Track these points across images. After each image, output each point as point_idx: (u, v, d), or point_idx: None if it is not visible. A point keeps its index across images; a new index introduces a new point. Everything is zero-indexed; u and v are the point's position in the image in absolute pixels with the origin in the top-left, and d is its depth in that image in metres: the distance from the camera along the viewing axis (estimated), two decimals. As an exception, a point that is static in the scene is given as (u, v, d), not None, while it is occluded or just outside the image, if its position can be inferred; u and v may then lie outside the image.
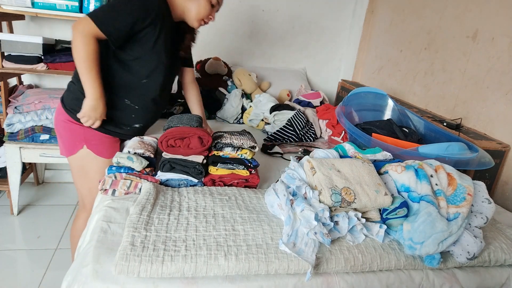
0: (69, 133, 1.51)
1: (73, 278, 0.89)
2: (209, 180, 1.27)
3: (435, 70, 2.11)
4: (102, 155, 1.53)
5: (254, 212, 1.10)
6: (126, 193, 1.18)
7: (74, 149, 1.51)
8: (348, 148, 1.31)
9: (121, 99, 1.49)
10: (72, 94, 1.50)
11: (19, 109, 2.17)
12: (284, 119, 2.00)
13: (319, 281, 0.95)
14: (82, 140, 1.50)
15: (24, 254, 2.06)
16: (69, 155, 1.54)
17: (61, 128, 1.52)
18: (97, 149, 1.51)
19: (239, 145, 1.29)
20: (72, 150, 1.52)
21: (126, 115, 1.52)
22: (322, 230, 0.98)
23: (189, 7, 1.49)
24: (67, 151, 1.54)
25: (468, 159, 1.38)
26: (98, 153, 1.52)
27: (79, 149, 1.50)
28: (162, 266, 0.86)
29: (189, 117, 1.41)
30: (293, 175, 1.17)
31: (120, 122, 1.53)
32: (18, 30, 2.41)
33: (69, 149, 1.53)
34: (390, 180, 1.15)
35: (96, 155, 1.52)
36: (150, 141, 1.48)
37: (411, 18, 2.34)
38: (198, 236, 0.97)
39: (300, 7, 2.82)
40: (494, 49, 1.73)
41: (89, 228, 1.08)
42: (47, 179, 2.84)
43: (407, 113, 1.84)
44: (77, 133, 1.49)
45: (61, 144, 1.57)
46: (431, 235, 0.98)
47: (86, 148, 1.50)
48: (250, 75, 2.47)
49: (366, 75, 2.83)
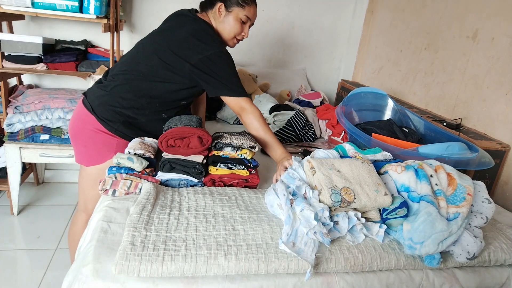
0: (101, 143, 1.47)
1: (73, 277, 0.89)
2: (209, 180, 1.27)
3: (435, 70, 2.11)
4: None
5: (254, 212, 1.10)
6: (126, 193, 1.18)
7: (102, 159, 1.48)
8: (348, 148, 1.31)
9: (158, 113, 1.51)
10: (104, 103, 1.46)
11: (19, 109, 2.17)
12: (284, 120, 2.00)
13: (319, 281, 0.95)
14: (113, 150, 1.45)
15: (24, 254, 2.06)
16: (94, 164, 1.49)
17: (89, 138, 1.47)
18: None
19: (239, 145, 1.29)
20: (100, 160, 1.48)
21: (159, 126, 1.48)
22: (321, 229, 0.98)
23: (222, 29, 1.51)
24: (93, 160, 1.49)
25: (468, 159, 1.38)
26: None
27: (108, 159, 1.47)
28: (162, 266, 0.86)
29: (189, 117, 1.41)
30: (293, 175, 1.17)
31: (153, 134, 1.49)
32: (18, 30, 2.41)
33: (96, 158, 1.48)
34: (390, 180, 1.15)
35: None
36: (151, 142, 1.48)
37: (411, 18, 2.34)
38: (198, 235, 0.97)
39: (300, 7, 2.82)
40: (494, 49, 1.73)
41: (90, 228, 1.08)
42: (47, 179, 2.84)
43: (407, 113, 1.84)
44: (109, 144, 1.46)
45: (85, 153, 1.51)
46: (431, 235, 0.98)
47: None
48: (250, 75, 2.47)
49: (366, 75, 2.83)
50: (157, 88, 1.46)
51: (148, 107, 1.48)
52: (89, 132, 1.46)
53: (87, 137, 1.48)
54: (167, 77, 1.44)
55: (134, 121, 1.48)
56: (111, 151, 1.46)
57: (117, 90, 1.46)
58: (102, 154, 1.48)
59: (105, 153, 1.47)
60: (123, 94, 1.45)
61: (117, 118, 1.45)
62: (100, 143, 1.47)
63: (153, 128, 1.50)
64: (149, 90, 1.45)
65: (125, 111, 1.45)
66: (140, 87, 1.45)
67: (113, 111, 1.45)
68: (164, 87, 1.46)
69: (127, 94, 1.45)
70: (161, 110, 1.51)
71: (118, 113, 1.45)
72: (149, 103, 1.47)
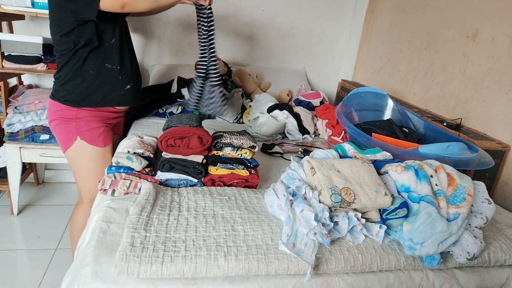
0: (63, 129, 1.56)
1: (72, 278, 0.89)
2: (209, 180, 1.27)
3: (435, 70, 2.11)
4: (95, 144, 1.57)
5: (254, 213, 1.10)
6: (126, 193, 1.18)
7: (69, 142, 1.57)
8: (348, 148, 1.31)
9: (102, 66, 1.53)
10: (60, 89, 1.55)
11: (19, 109, 2.17)
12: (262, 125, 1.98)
13: (319, 282, 0.95)
14: (74, 132, 1.55)
15: (24, 254, 2.06)
16: (65, 149, 1.59)
17: (56, 128, 1.59)
18: (90, 138, 1.56)
19: (239, 145, 1.29)
20: (67, 144, 1.57)
21: (113, 79, 1.55)
22: (321, 230, 0.98)
23: None
24: (64, 146, 1.60)
25: (468, 159, 1.38)
26: (91, 142, 1.56)
27: (74, 141, 1.55)
28: (162, 267, 0.86)
29: (188, 116, 1.41)
30: (293, 175, 1.17)
31: (112, 89, 1.57)
32: (18, 30, 2.41)
33: (65, 143, 1.58)
34: (390, 180, 1.15)
35: (90, 144, 1.56)
36: (150, 141, 1.48)
37: (411, 18, 2.34)
38: (198, 236, 0.96)
39: (300, 7, 2.82)
40: (494, 49, 1.73)
41: (89, 228, 1.07)
42: (47, 179, 2.84)
43: (407, 113, 1.84)
44: (68, 127, 1.55)
45: (58, 142, 1.62)
46: (431, 235, 0.98)
47: (80, 139, 1.55)
48: (250, 75, 2.47)
49: (366, 75, 2.83)
50: (70, 42, 1.47)
51: (86, 67, 1.51)
52: (55, 123, 1.58)
53: (55, 128, 1.59)
54: (64, 27, 1.45)
55: (85, 85, 1.53)
56: (73, 133, 1.55)
57: (61, 75, 1.54)
58: (67, 137, 1.56)
59: (69, 136, 1.56)
60: (65, 72, 1.52)
61: (72, 90, 1.52)
62: (63, 129, 1.56)
63: (109, 84, 1.55)
64: (73, 52, 1.48)
65: (74, 81, 1.52)
66: (69, 56, 1.49)
67: (65, 89, 1.53)
68: (73, 38, 1.47)
69: (66, 69, 1.52)
70: (103, 61, 1.52)
71: (70, 87, 1.53)
72: (83, 62, 1.51)
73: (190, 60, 2.71)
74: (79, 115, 1.54)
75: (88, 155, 1.58)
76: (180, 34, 2.70)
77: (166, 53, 2.70)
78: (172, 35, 2.69)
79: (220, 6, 2.67)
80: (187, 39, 2.72)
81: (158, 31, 2.63)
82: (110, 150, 1.64)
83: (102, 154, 1.59)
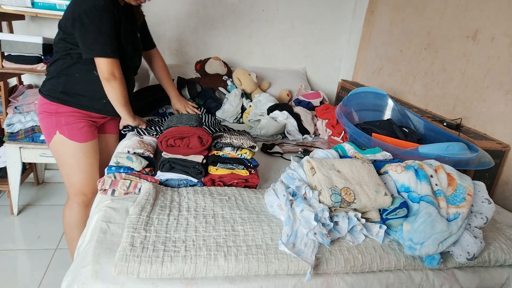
0: (45, 123, 1.58)
1: (72, 278, 0.89)
2: (209, 180, 1.27)
3: (435, 70, 2.11)
4: (74, 139, 1.56)
5: (254, 213, 1.10)
6: (126, 193, 1.18)
7: (49, 136, 1.58)
8: (348, 148, 1.31)
9: (90, 72, 1.53)
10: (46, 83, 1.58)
11: (19, 109, 2.17)
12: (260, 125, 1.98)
13: (319, 282, 0.95)
14: (54, 126, 1.55)
15: (24, 254, 2.06)
16: (48, 143, 1.60)
17: (40, 121, 1.60)
18: (69, 132, 1.55)
19: (239, 144, 1.29)
20: (49, 138, 1.59)
21: (98, 87, 1.54)
22: (321, 230, 0.98)
23: None
24: (47, 140, 1.61)
25: (468, 159, 1.38)
26: (69, 137, 1.56)
27: (53, 135, 1.56)
28: (162, 267, 0.86)
29: (188, 116, 1.41)
30: (293, 175, 1.17)
31: (94, 96, 1.57)
32: (18, 30, 2.41)
33: (47, 137, 1.60)
34: (390, 180, 1.15)
35: (68, 139, 1.55)
36: (150, 141, 1.48)
37: (411, 18, 2.34)
38: (198, 236, 0.96)
39: (300, 7, 2.82)
40: (494, 49, 1.73)
41: (89, 228, 1.07)
42: (47, 179, 2.84)
43: (407, 113, 1.84)
44: (49, 121, 1.56)
45: (44, 136, 1.64)
46: (431, 235, 0.98)
47: (59, 134, 1.55)
48: (250, 75, 2.46)
49: (366, 75, 2.83)
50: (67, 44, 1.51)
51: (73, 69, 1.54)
52: (39, 119, 1.60)
53: (41, 125, 1.61)
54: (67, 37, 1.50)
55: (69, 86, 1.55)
56: (53, 127, 1.56)
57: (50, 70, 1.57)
58: (48, 132, 1.58)
59: (49, 130, 1.57)
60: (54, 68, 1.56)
61: (56, 87, 1.55)
62: (45, 124, 1.58)
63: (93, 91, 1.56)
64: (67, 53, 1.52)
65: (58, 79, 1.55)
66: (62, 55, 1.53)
67: (51, 84, 1.56)
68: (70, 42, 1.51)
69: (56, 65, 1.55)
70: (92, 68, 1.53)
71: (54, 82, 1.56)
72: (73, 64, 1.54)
73: (190, 60, 2.72)
74: (59, 109, 1.55)
75: (67, 150, 1.57)
76: (180, 34, 2.70)
77: (166, 53, 2.70)
78: (172, 35, 2.69)
79: (220, 6, 2.67)
80: (187, 39, 2.72)
81: (158, 31, 2.63)
82: (92, 146, 1.62)
83: (82, 150, 1.58)
